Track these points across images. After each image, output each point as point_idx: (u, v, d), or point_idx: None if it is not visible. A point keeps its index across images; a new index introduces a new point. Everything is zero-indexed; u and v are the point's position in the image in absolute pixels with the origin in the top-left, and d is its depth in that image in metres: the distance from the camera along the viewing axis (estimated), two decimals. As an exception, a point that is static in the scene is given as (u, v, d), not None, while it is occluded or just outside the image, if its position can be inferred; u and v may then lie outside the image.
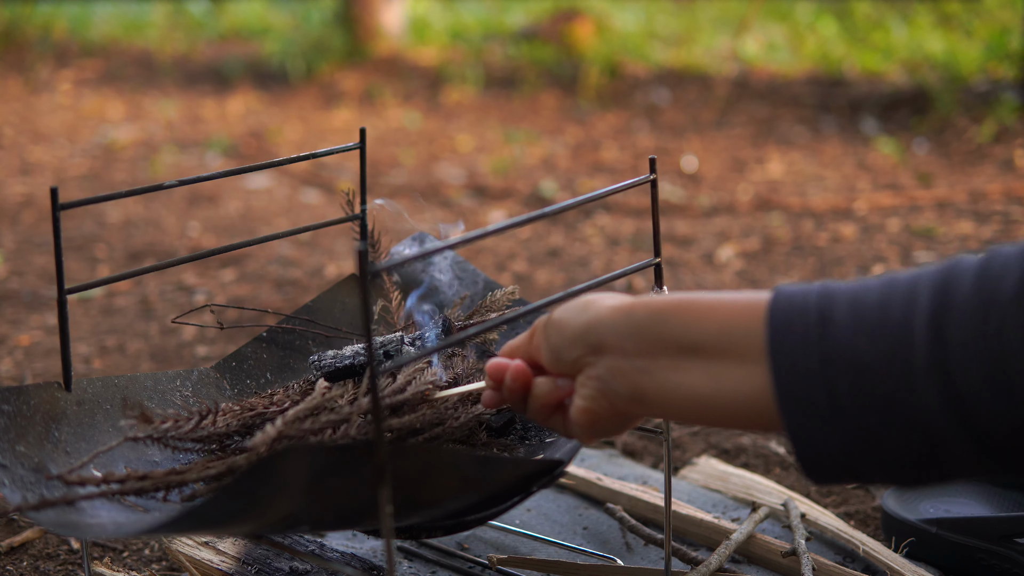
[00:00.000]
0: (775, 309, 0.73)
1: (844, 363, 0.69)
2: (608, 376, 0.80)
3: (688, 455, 1.53)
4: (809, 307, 0.72)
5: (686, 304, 0.78)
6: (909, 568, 1.15)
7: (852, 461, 0.71)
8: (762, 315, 0.73)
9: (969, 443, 0.67)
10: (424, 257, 0.82)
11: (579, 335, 0.82)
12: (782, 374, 0.71)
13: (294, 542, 1.16)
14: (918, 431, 0.68)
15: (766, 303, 0.73)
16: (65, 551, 1.31)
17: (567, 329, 0.83)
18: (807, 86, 4.22)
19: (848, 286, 0.72)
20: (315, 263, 2.54)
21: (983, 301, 0.66)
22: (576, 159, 3.52)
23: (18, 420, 0.94)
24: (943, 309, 0.67)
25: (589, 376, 0.82)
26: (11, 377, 1.90)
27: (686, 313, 0.77)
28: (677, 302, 0.78)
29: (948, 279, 0.68)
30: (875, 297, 0.70)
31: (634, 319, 0.79)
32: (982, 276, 0.67)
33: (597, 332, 0.81)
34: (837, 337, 0.70)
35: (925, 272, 0.70)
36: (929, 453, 0.69)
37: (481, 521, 0.94)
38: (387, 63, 5.00)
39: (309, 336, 1.21)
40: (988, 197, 2.86)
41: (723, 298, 0.77)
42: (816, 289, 0.73)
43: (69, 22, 6.22)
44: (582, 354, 0.82)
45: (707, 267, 2.44)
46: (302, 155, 1.16)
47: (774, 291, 0.74)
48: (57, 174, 3.47)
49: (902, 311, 0.69)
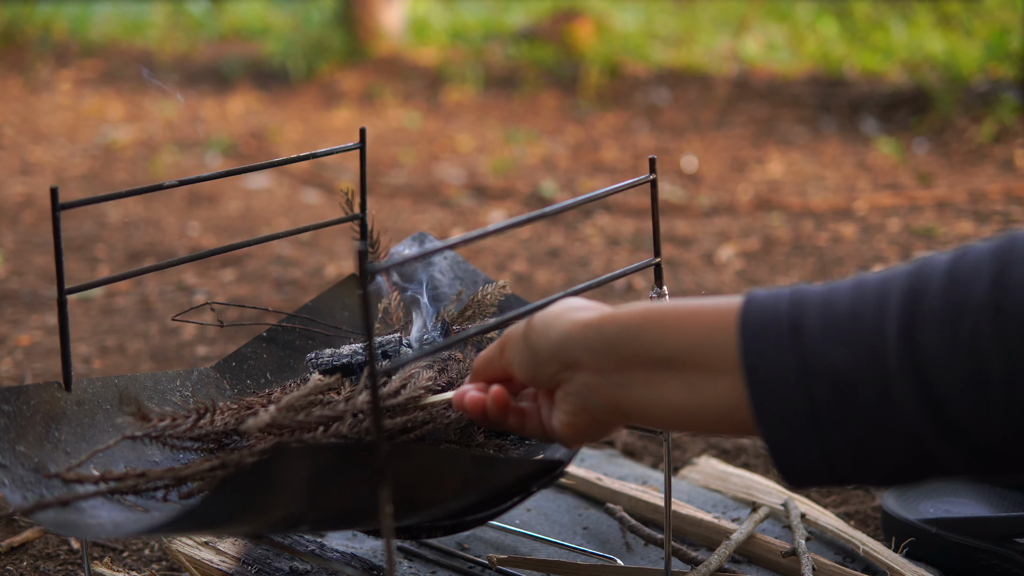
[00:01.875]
0: (747, 319, 0.72)
1: (819, 372, 0.68)
2: (586, 392, 0.80)
3: (688, 455, 1.53)
4: (781, 315, 0.71)
5: (656, 316, 0.76)
6: (909, 568, 1.15)
7: (832, 467, 0.70)
8: (734, 325, 0.72)
9: (949, 447, 0.66)
10: (424, 257, 0.82)
11: (552, 353, 0.81)
12: (757, 385, 0.70)
13: (294, 542, 1.16)
14: (897, 437, 0.67)
15: (737, 312, 0.72)
16: (65, 551, 1.31)
17: (539, 347, 0.82)
18: (807, 86, 4.22)
19: (819, 291, 0.71)
20: (315, 263, 2.54)
21: (954, 307, 0.65)
22: (576, 159, 3.52)
23: (18, 420, 0.94)
24: (914, 316, 0.66)
25: (568, 392, 0.81)
26: (11, 377, 1.90)
27: (656, 326, 0.76)
28: (646, 315, 0.77)
29: (917, 283, 0.67)
30: (846, 303, 0.69)
31: (604, 335, 0.78)
32: (952, 280, 0.66)
33: (569, 350, 0.80)
34: (811, 346, 0.69)
35: (894, 275, 0.69)
36: (909, 457, 0.68)
37: (481, 521, 0.94)
38: (387, 63, 5.00)
39: (309, 336, 1.21)
40: (988, 197, 2.86)
41: (693, 308, 0.75)
42: (787, 295, 0.72)
43: (69, 22, 6.21)
44: (556, 371, 0.82)
45: (707, 267, 2.44)
46: (302, 155, 1.16)
47: (745, 298, 0.73)
48: (57, 174, 3.47)
49: (873, 318, 0.68)
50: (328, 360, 1.07)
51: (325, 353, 1.08)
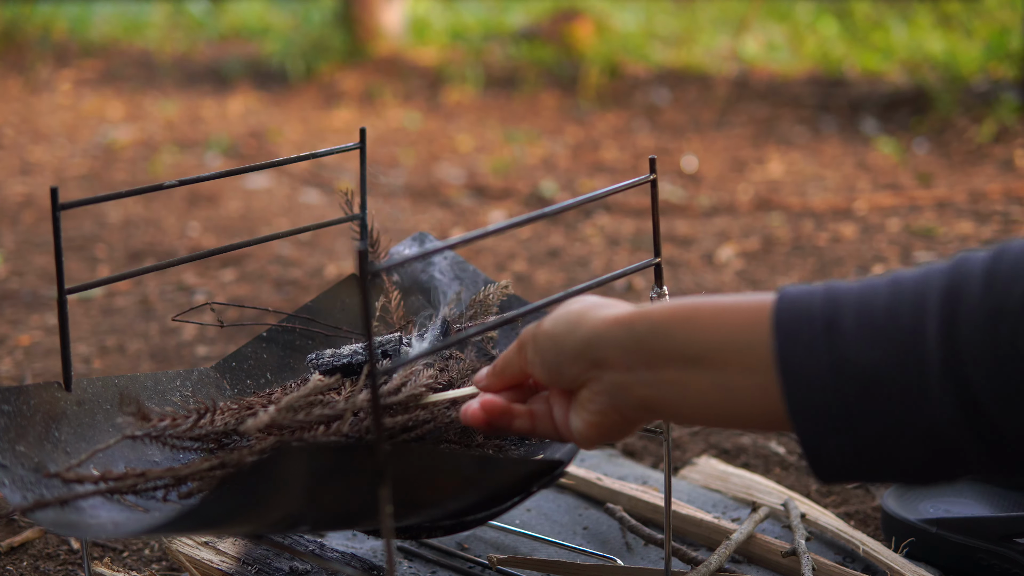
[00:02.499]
0: (780, 317, 0.71)
1: (854, 372, 0.68)
2: (616, 391, 0.79)
3: (688, 455, 1.53)
4: (815, 314, 0.70)
5: (687, 314, 0.76)
6: (909, 568, 1.15)
7: (865, 466, 0.70)
8: (767, 323, 0.71)
9: (984, 449, 0.66)
10: (424, 257, 0.82)
11: (578, 352, 0.80)
12: (792, 385, 0.70)
13: (294, 542, 1.16)
14: (931, 437, 0.67)
15: (770, 310, 0.72)
16: (65, 551, 1.31)
17: (564, 345, 0.81)
18: (807, 86, 4.22)
19: (853, 288, 0.71)
20: (315, 263, 2.54)
21: (993, 309, 0.65)
22: (576, 159, 3.52)
23: (18, 420, 0.94)
24: (953, 315, 0.66)
25: (596, 392, 0.80)
26: (11, 377, 1.90)
27: (688, 324, 0.75)
28: (677, 312, 0.76)
29: (956, 282, 0.67)
30: (883, 302, 0.69)
31: (635, 333, 0.77)
32: (990, 280, 0.66)
33: (597, 348, 0.79)
34: (846, 346, 0.68)
35: (932, 273, 0.69)
36: (943, 458, 0.68)
37: (481, 521, 0.94)
38: (387, 63, 5.00)
39: (309, 336, 1.21)
40: (988, 197, 2.86)
41: (725, 305, 0.75)
42: (820, 293, 0.71)
43: (69, 22, 6.21)
44: (583, 370, 0.80)
45: (707, 267, 2.44)
46: (302, 155, 1.16)
47: (778, 295, 0.73)
48: (57, 174, 3.47)
49: (911, 317, 0.67)
50: (328, 360, 1.07)
51: (326, 353, 1.08)
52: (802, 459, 1.39)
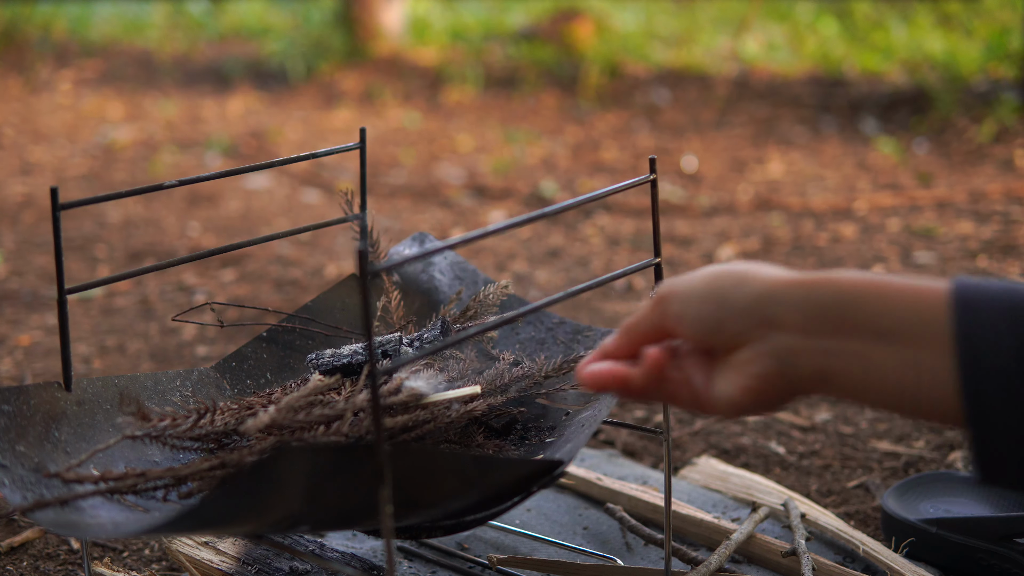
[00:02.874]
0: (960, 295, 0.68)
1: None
2: (787, 355, 0.74)
3: (688, 455, 1.53)
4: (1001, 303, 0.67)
5: (876, 288, 0.72)
6: (909, 568, 1.15)
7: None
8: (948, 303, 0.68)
9: None
10: (424, 257, 0.82)
11: (748, 308, 0.75)
12: (972, 378, 0.67)
13: (294, 542, 1.16)
14: None
15: (949, 291, 0.69)
16: (65, 551, 1.31)
17: (730, 299, 0.76)
18: (807, 86, 4.22)
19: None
20: (315, 263, 2.54)
21: None
22: (576, 159, 3.52)
23: (18, 420, 0.94)
24: None
25: (759, 353, 0.75)
26: (11, 377, 1.90)
27: (878, 297, 0.72)
28: (865, 284, 0.73)
29: None
30: None
31: (818, 297, 0.73)
32: None
33: (771, 306, 0.75)
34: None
35: None
36: None
37: (481, 521, 0.94)
38: (387, 63, 5.00)
39: (309, 336, 1.21)
40: (988, 197, 2.86)
41: (909, 284, 0.71)
42: (997, 282, 0.69)
43: (69, 22, 6.22)
44: (749, 327, 0.76)
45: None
46: (302, 155, 1.16)
47: (954, 280, 0.70)
48: (57, 174, 3.47)
49: None
50: (329, 360, 1.07)
51: (326, 353, 1.08)
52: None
